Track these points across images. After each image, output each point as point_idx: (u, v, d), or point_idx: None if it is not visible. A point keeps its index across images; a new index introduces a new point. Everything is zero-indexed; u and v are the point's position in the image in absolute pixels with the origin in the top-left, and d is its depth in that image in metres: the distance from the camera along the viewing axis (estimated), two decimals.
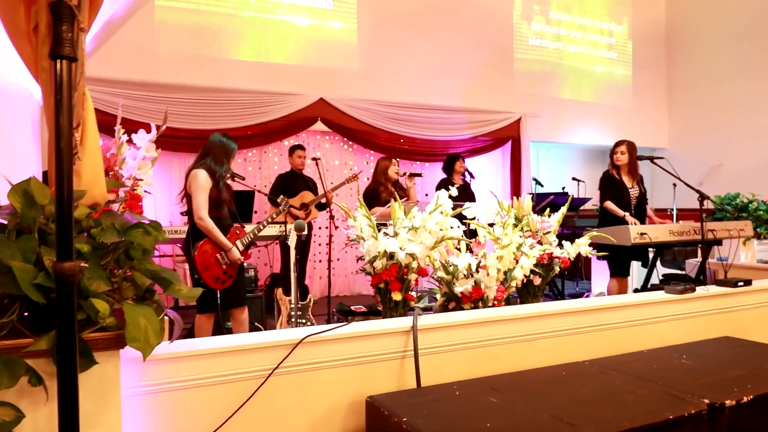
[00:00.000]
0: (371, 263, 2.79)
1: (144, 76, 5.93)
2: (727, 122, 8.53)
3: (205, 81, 6.23)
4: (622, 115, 9.11)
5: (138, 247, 1.41)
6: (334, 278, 6.89)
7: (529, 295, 3.25)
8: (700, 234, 3.94)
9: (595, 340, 2.54)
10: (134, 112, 5.75)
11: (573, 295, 6.61)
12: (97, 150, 1.45)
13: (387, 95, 7.17)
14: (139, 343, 1.32)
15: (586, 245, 3.33)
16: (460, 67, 7.67)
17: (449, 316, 2.34)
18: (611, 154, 4.85)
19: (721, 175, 8.42)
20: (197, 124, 6.15)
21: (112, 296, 1.44)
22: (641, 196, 4.81)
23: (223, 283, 3.51)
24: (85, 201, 1.48)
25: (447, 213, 2.91)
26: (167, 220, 6.13)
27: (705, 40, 8.94)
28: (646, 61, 9.40)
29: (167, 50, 6.16)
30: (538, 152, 9.17)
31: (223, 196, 3.55)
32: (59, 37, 1.06)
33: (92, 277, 1.32)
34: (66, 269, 1.12)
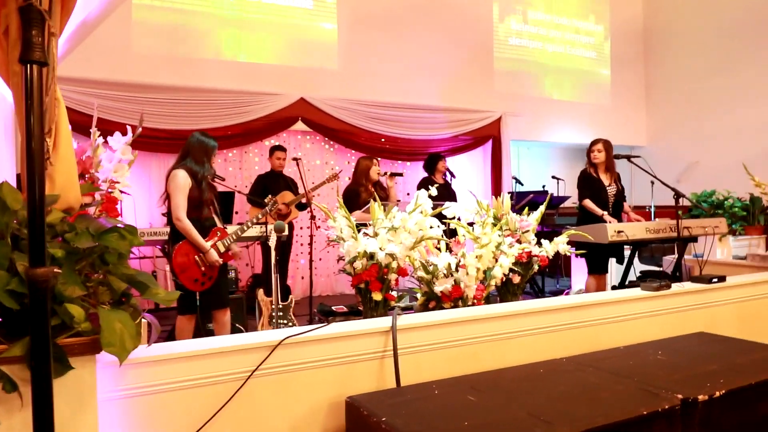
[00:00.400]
0: (351, 264, 2.80)
1: (121, 76, 5.87)
2: (704, 120, 8.68)
3: (184, 81, 6.19)
4: (600, 113, 9.23)
5: (113, 251, 1.40)
6: (315, 278, 6.89)
7: (508, 294, 3.28)
8: (676, 231, 4.02)
9: (573, 338, 2.58)
10: (111, 113, 5.70)
11: (553, 292, 6.68)
12: (71, 153, 1.45)
13: (367, 95, 7.19)
14: (114, 347, 1.31)
15: (565, 243, 3.36)
16: (440, 66, 7.71)
17: (428, 316, 2.36)
18: (588, 152, 4.91)
19: (697, 172, 8.57)
20: (176, 124, 6.11)
21: (88, 301, 1.43)
22: (619, 193, 4.88)
23: (202, 285, 3.49)
24: (59, 205, 1.47)
25: (427, 213, 2.93)
26: (147, 221, 6.07)
27: (683, 38, 9.08)
28: (625, 60, 9.53)
29: (145, 50, 6.10)
30: (518, 151, 9.25)
31: (204, 196, 3.53)
32: (29, 41, 1.05)
33: (67, 282, 1.32)
34: (39, 275, 1.12)
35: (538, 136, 8.73)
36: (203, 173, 3.54)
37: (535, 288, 6.37)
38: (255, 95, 6.53)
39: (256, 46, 6.72)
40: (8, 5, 1.29)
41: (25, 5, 1.05)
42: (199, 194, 3.50)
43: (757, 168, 5.56)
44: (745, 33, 8.16)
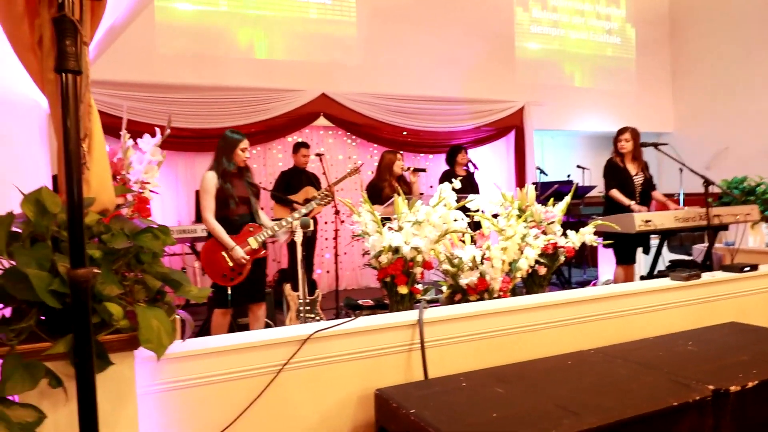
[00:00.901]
0: (377, 258, 2.83)
1: (147, 77, 5.98)
2: (732, 105, 8.49)
3: (207, 80, 6.27)
4: (625, 100, 9.08)
5: (148, 251, 1.45)
6: (341, 272, 6.95)
7: (534, 285, 3.27)
8: (706, 220, 3.96)
9: (601, 329, 2.57)
10: (138, 113, 5.80)
11: (580, 282, 6.63)
12: (104, 158, 1.50)
13: (388, 88, 7.19)
14: (152, 344, 1.36)
15: (591, 234, 3.34)
16: (460, 57, 7.67)
17: (454, 309, 2.38)
18: (615, 141, 4.85)
19: (727, 158, 8.39)
20: (201, 123, 6.20)
21: (125, 299, 1.48)
22: (646, 182, 4.82)
23: (232, 280, 3.57)
24: (95, 207, 1.52)
25: (451, 206, 2.94)
26: (175, 219, 6.19)
27: (708, 22, 8.88)
28: (649, 45, 9.36)
29: (169, 50, 6.20)
30: (542, 140, 9.17)
31: (229, 192, 3.59)
32: (63, 51, 1.10)
33: (105, 282, 1.37)
34: (80, 276, 1.17)
35: (561, 125, 8.64)
36: (228, 169, 3.60)
37: (561, 279, 6.33)
38: (277, 92, 6.59)
39: (276, 43, 6.77)
40: (41, 15, 1.34)
41: (58, 16, 1.09)
42: (227, 192, 3.57)
43: None
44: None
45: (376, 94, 7.12)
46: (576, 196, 5.64)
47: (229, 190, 3.59)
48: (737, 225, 4.36)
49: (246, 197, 3.69)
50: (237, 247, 3.55)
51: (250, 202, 3.71)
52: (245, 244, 3.61)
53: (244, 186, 3.70)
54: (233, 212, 3.61)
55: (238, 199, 3.62)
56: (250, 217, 3.71)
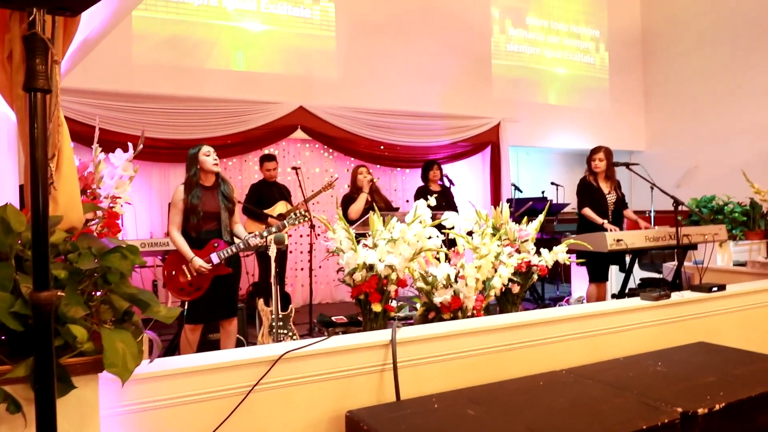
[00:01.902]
0: (351, 275, 2.82)
1: (122, 87, 5.91)
2: (703, 124, 8.70)
3: (183, 91, 6.22)
4: (599, 118, 9.25)
5: (115, 271, 1.42)
6: (315, 286, 6.91)
7: (508, 303, 3.29)
8: (676, 239, 4.03)
9: (572, 349, 2.59)
10: (112, 123, 5.73)
11: (553, 299, 6.69)
12: (73, 174, 1.47)
13: (366, 102, 7.22)
14: (117, 368, 1.33)
15: (564, 252, 3.38)
16: (438, 73, 7.75)
17: (427, 329, 2.38)
18: (589, 160, 4.93)
19: (697, 177, 8.59)
20: (177, 134, 6.14)
21: (90, 320, 1.45)
22: (619, 201, 4.90)
23: (189, 294, 3.53)
24: (62, 225, 1.49)
25: (426, 223, 2.95)
26: (147, 231, 6.10)
27: (681, 43, 9.11)
28: (623, 65, 9.57)
29: (145, 60, 6.14)
30: (518, 156, 9.28)
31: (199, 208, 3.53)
32: (33, 70, 1.07)
33: (69, 303, 1.34)
34: (43, 299, 1.13)
35: (536, 142, 8.76)
36: (193, 180, 3.57)
37: (535, 295, 6.39)
38: (254, 104, 6.56)
39: (255, 55, 6.76)
40: (12, 31, 1.32)
41: (28, 34, 1.07)
42: (193, 206, 3.53)
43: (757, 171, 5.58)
44: (742, 36, 8.20)
45: (353, 107, 7.14)
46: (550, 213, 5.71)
47: (194, 204, 3.53)
48: (706, 244, 4.45)
49: (215, 212, 3.63)
50: (196, 257, 3.51)
51: (219, 217, 3.65)
52: (207, 259, 3.56)
53: (216, 200, 3.65)
54: (198, 228, 3.56)
55: (204, 215, 3.56)
56: (217, 233, 3.65)
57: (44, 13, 1.06)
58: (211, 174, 3.64)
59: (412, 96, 7.54)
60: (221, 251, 3.59)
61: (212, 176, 3.65)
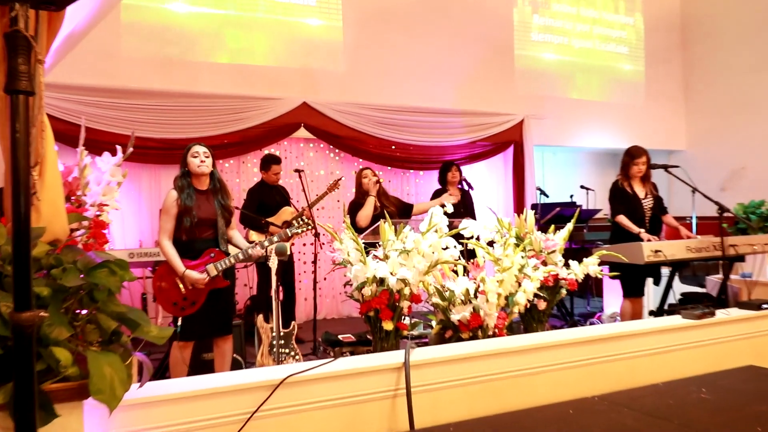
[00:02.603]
0: (359, 289, 2.82)
1: (109, 82, 5.95)
2: (750, 121, 8.62)
3: (176, 86, 6.26)
4: (634, 114, 9.20)
5: (103, 288, 1.43)
6: (320, 299, 6.91)
7: (533, 321, 3.28)
8: (721, 250, 4.00)
9: (605, 373, 2.57)
10: (99, 121, 5.77)
11: (584, 315, 6.65)
12: (58, 183, 1.48)
13: (376, 98, 7.23)
14: (104, 395, 1.34)
15: (595, 264, 3.36)
16: (455, 66, 7.75)
17: (445, 350, 2.37)
18: (627, 163, 4.83)
19: (744, 179, 8.50)
20: (168, 132, 6.17)
21: (75, 341, 1.46)
22: (656, 205, 4.85)
23: (182, 310, 3.52)
24: (46, 237, 1.50)
25: (442, 232, 2.95)
26: (136, 239, 6.14)
27: (724, 31, 9.04)
28: (660, 55, 9.52)
29: (135, 53, 6.19)
30: (543, 157, 9.25)
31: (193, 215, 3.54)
32: (15, 70, 1.08)
33: (53, 324, 1.35)
34: (24, 320, 1.14)
35: (564, 141, 8.72)
36: (184, 180, 3.58)
37: (563, 311, 6.35)
38: (253, 100, 6.59)
39: (254, 47, 6.80)
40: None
41: (10, 32, 1.08)
42: (187, 208, 3.53)
43: None
44: None
45: (362, 104, 7.15)
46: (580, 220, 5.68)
47: (188, 206, 3.53)
48: (755, 255, 4.41)
49: (212, 219, 3.63)
50: (189, 271, 3.51)
51: (216, 225, 3.66)
52: (202, 271, 3.56)
53: (213, 207, 3.65)
54: (191, 233, 3.56)
55: (198, 221, 3.57)
56: (214, 242, 3.66)
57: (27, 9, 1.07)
58: (203, 177, 3.63)
59: (426, 91, 7.54)
60: (218, 262, 3.59)
61: (205, 179, 3.65)
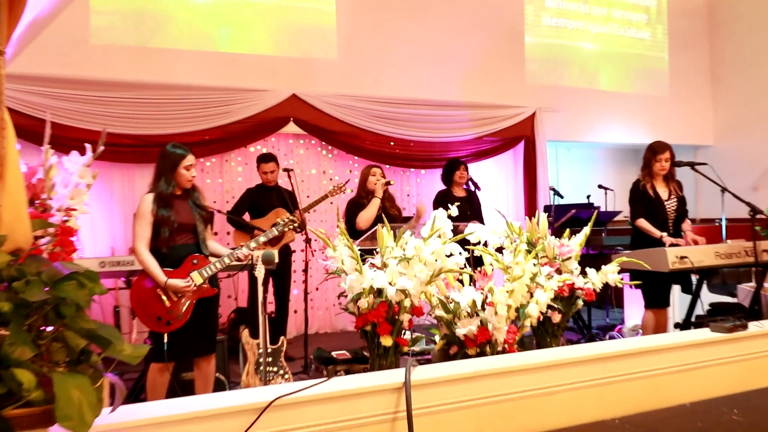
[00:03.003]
0: (355, 301, 2.82)
1: (78, 72, 5.94)
2: None
3: (151, 76, 6.25)
4: (657, 106, 9.20)
5: (70, 302, 1.43)
6: (312, 312, 6.90)
7: (547, 335, 3.28)
8: (753, 256, 4.00)
9: (627, 392, 2.57)
10: (66, 116, 5.77)
11: (602, 328, 6.65)
12: (20, 185, 1.47)
13: (373, 89, 7.23)
14: (71, 421, 1.33)
15: (615, 272, 3.37)
16: (460, 54, 7.75)
17: (449, 368, 2.37)
18: (649, 160, 4.83)
19: None
20: (143, 128, 6.17)
21: (39, 362, 1.45)
22: (680, 206, 4.85)
23: (168, 324, 3.51)
24: (7, 247, 1.49)
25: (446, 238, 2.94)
26: (107, 246, 6.12)
27: (756, 14, 9.03)
28: (685, 41, 9.52)
29: (106, 40, 6.18)
30: (557, 154, 9.25)
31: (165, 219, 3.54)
32: None
33: (14, 342, 1.34)
34: None
35: (580, 136, 8.73)
36: (165, 191, 3.59)
37: (579, 324, 6.35)
38: (237, 92, 6.58)
39: (237, 33, 6.79)
40: None
41: None
42: (162, 219, 3.54)
43: None
44: None
45: (357, 95, 7.15)
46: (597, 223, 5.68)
47: (165, 216, 3.55)
48: None
49: (191, 224, 3.66)
50: (171, 279, 3.51)
51: (195, 230, 3.67)
52: (187, 279, 3.56)
53: (189, 210, 3.67)
54: (171, 242, 3.57)
55: (178, 227, 3.58)
56: (195, 248, 3.67)
57: None
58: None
59: (428, 81, 7.54)
60: (203, 268, 3.59)
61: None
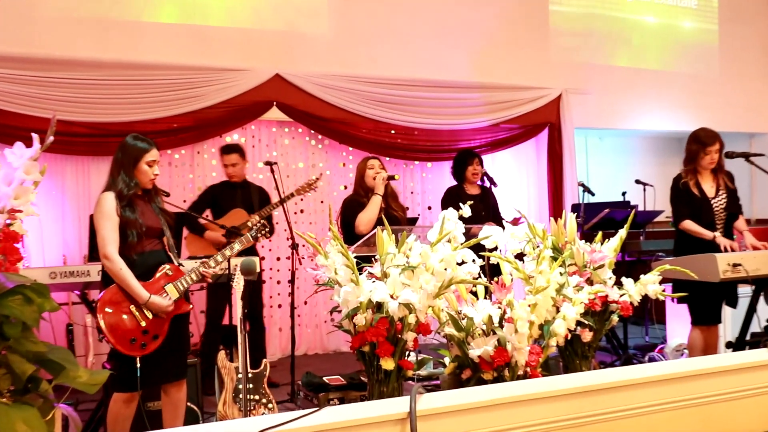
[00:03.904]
0: (350, 318, 2.82)
1: (24, 49, 5.95)
2: None
3: (110, 54, 6.26)
4: (705, 87, 9.19)
5: (15, 321, 1.42)
6: (299, 329, 6.89)
7: (576, 357, 3.27)
8: None
9: (670, 424, 2.57)
10: (10, 101, 5.78)
11: (641, 348, 6.66)
12: None
13: (370, 69, 7.23)
14: None
15: (656, 283, 3.36)
16: (472, 27, 7.75)
17: (461, 395, 2.37)
18: (696, 153, 4.80)
19: None
20: (99, 115, 6.17)
21: None
22: (731, 203, 4.83)
23: (143, 348, 3.49)
24: None
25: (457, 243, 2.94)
26: (59, 253, 6.12)
27: None
28: (738, 10, 9.52)
29: (56, 12, 6.18)
30: (587, 143, 9.25)
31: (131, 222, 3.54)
32: None
33: None
34: None
35: (613, 122, 8.74)
36: (126, 192, 3.58)
37: (614, 343, 6.35)
38: (210, 72, 6.58)
39: (211, 4, 6.79)
40: None
41: None
42: (133, 221, 3.54)
43: None
44: None
45: (352, 76, 7.15)
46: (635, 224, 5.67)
47: (132, 218, 3.55)
48: None
49: (157, 228, 3.66)
50: (155, 297, 3.51)
51: (163, 234, 3.67)
52: (162, 293, 3.56)
53: (154, 213, 3.68)
54: (138, 249, 3.57)
55: (146, 230, 3.58)
56: (164, 255, 3.67)
57: None
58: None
59: (434, 59, 7.53)
60: (178, 281, 3.59)
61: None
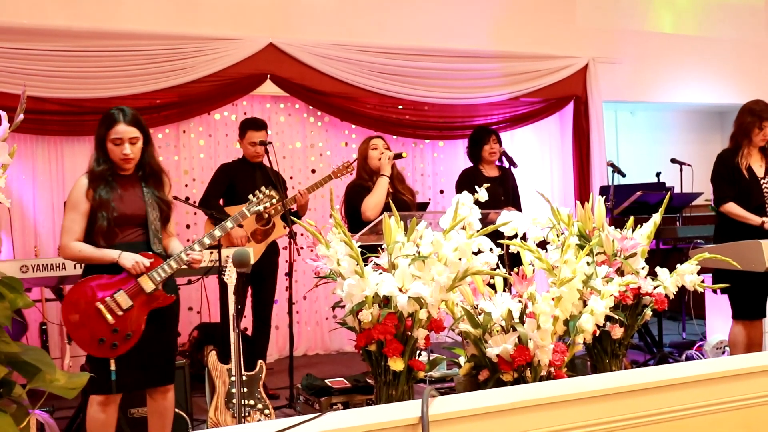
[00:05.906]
0: (355, 314, 2.83)
1: None
2: None
3: (86, 22, 6.25)
4: (750, 55, 9.14)
5: None
6: (298, 327, 6.92)
7: (605, 355, 3.28)
8: None
9: (712, 428, 2.57)
10: None
11: (677, 345, 6.66)
12: None
13: (375, 37, 7.21)
14: None
15: (694, 273, 3.36)
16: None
17: (478, 398, 2.37)
18: (748, 127, 4.79)
19: None
20: (75, 90, 6.18)
21: None
22: None
23: (113, 348, 3.47)
24: None
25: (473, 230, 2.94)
26: (29, 245, 6.14)
27: None
28: None
29: None
30: (617, 118, 9.23)
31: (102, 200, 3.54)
32: None
33: None
34: None
35: (647, 95, 8.71)
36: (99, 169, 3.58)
37: (647, 339, 6.36)
38: (197, 41, 6.58)
39: None
40: None
41: None
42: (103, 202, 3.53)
43: None
44: None
45: (354, 45, 7.13)
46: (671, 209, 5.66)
47: (104, 199, 3.54)
48: None
49: (140, 216, 3.64)
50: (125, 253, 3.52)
51: (146, 222, 3.66)
52: (135, 286, 3.54)
53: (140, 198, 3.66)
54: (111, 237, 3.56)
55: (119, 218, 3.57)
56: (144, 245, 3.66)
57: None
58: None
59: (447, 25, 7.51)
60: (154, 271, 3.58)
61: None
